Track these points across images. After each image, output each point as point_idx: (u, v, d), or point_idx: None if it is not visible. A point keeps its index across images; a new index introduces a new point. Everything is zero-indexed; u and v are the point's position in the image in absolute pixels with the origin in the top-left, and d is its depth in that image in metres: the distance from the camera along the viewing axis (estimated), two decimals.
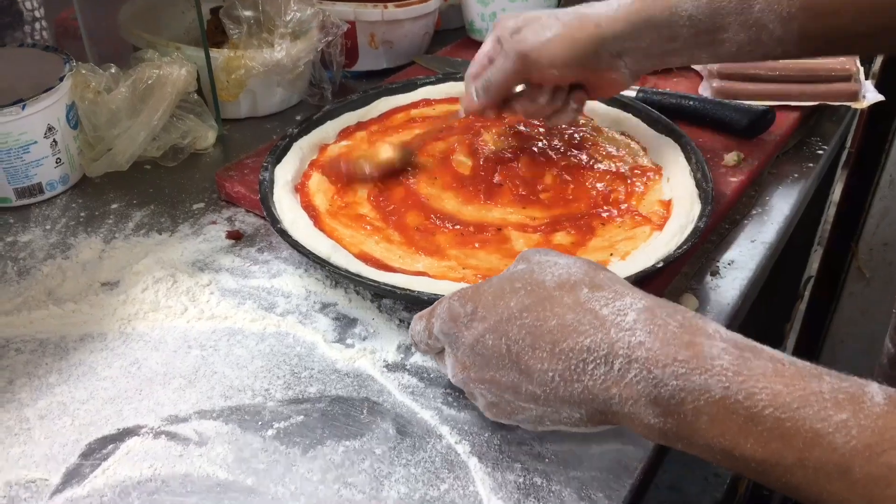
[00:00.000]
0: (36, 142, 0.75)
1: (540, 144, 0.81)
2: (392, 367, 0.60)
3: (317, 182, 0.75)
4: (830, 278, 1.37)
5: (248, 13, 0.89)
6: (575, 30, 0.67)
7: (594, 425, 0.47)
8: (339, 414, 0.57)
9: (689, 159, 0.76)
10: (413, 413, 0.57)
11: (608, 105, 0.86)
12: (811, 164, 0.87)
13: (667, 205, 0.72)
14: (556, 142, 0.81)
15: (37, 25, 1.00)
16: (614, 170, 0.77)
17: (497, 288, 0.49)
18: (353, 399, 0.58)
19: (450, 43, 1.10)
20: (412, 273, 0.65)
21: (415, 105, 0.87)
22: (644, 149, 0.81)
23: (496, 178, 0.75)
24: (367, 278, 0.63)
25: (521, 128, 0.83)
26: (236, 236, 0.74)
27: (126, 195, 0.80)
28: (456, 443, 0.54)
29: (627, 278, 0.62)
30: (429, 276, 0.64)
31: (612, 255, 0.66)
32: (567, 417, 0.47)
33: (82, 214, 0.77)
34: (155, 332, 0.63)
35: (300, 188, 0.75)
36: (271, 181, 0.74)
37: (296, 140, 0.79)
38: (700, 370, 0.42)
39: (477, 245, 0.68)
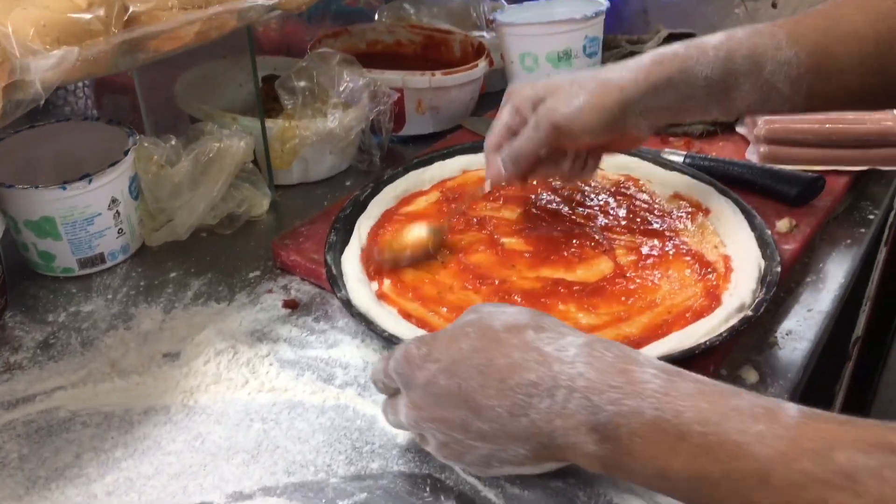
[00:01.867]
0: (100, 214, 0.77)
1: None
2: None
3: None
4: (878, 338, 1.34)
5: (302, 84, 0.92)
6: (602, 97, 0.69)
7: (539, 462, 0.50)
8: (402, 492, 0.56)
9: (753, 231, 0.76)
10: (476, 491, 0.56)
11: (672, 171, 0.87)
12: (863, 230, 0.86)
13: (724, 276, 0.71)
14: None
15: (78, 83, 1.03)
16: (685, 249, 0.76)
17: (450, 333, 0.53)
18: (416, 475, 0.58)
19: (494, 107, 1.11)
20: None
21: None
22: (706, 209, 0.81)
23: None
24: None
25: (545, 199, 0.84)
26: (293, 305, 0.75)
27: (184, 264, 0.81)
28: None
29: (686, 352, 0.62)
30: None
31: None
32: (513, 455, 0.49)
33: (142, 283, 0.79)
34: (217, 404, 0.64)
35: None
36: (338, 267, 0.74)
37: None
38: (633, 394, 0.45)
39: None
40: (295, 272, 0.80)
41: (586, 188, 0.85)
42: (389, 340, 0.65)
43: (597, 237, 0.77)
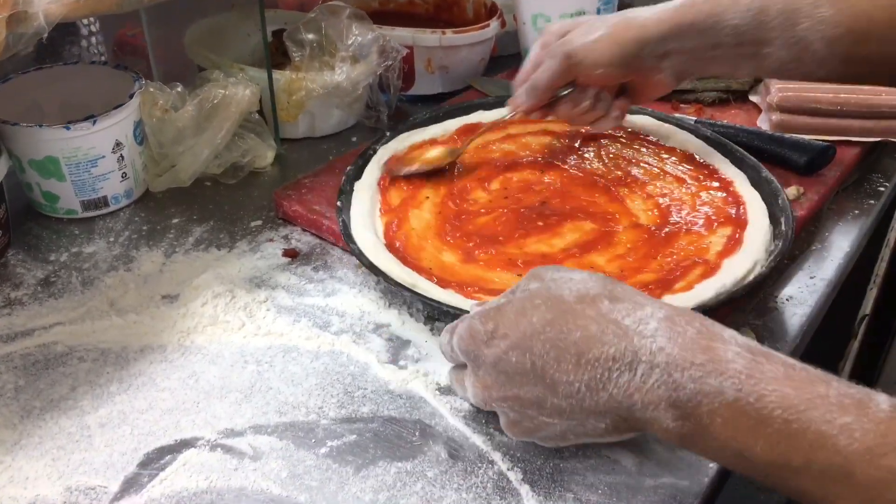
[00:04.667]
0: (104, 156, 0.77)
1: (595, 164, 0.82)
2: (444, 391, 0.60)
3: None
4: (886, 318, 1.33)
5: (310, 36, 0.91)
6: (620, 30, 0.69)
7: (619, 433, 0.49)
8: (391, 435, 0.57)
9: (763, 195, 0.76)
10: (465, 437, 0.57)
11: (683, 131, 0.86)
12: (872, 202, 0.85)
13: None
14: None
15: (93, 40, 1.03)
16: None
17: (517, 306, 0.50)
18: (406, 420, 0.58)
19: (505, 69, 1.11)
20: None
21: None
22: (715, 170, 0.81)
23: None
24: (421, 295, 0.64)
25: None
26: (292, 254, 0.75)
27: (187, 210, 0.82)
28: (508, 469, 0.54)
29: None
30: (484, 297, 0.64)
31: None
32: (592, 429, 0.48)
33: (144, 228, 0.79)
34: (213, 345, 0.64)
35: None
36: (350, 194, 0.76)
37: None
38: (715, 373, 0.43)
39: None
40: (296, 223, 0.80)
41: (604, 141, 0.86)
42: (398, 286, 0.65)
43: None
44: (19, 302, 0.69)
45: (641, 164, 0.81)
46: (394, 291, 0.68)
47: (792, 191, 0.80)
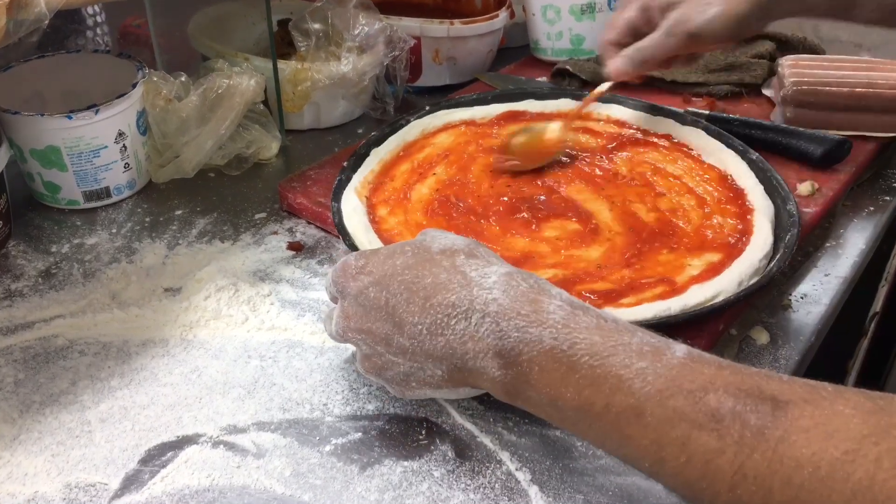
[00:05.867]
0: (106, 146, 0.76)
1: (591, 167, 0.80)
2: None
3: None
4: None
5: (316, 26, 0.90)
6: (734, 5, 0.70)
7: (454, 385, 0.51)
8: (397, 433, 0.56)
9: (770, 191, 0.73)
10: (472, 436, 0.56)
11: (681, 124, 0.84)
12: (888, 198, 0.84)
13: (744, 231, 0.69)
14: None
15: (98, 31, 1.02)
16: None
17: (389, 249, 0.54)
18: (412, 418, 0.57)
19: (513, 61, 1.09)
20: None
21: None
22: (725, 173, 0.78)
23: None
24: None
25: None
26: (297, 248, 0.74)
27: (190, 202, 0.80)
28: (516, 469, 0.53)
29: (698, 309, 0.61)
30: None
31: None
32: (430, 375, 0.50)
33: (147, 219, 0.78)
34: (216, 340, 0.63)
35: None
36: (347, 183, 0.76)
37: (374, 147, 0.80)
38: (537, 323, 0.46)
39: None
40: (301, 215, 0.78)
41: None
42: None
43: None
44: (20, 294, 0.68)
45: (669, 177, 0.77)
46: None
47: (806, 186, 0.79)
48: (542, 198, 0.74)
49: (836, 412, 0.38)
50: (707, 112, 0.89)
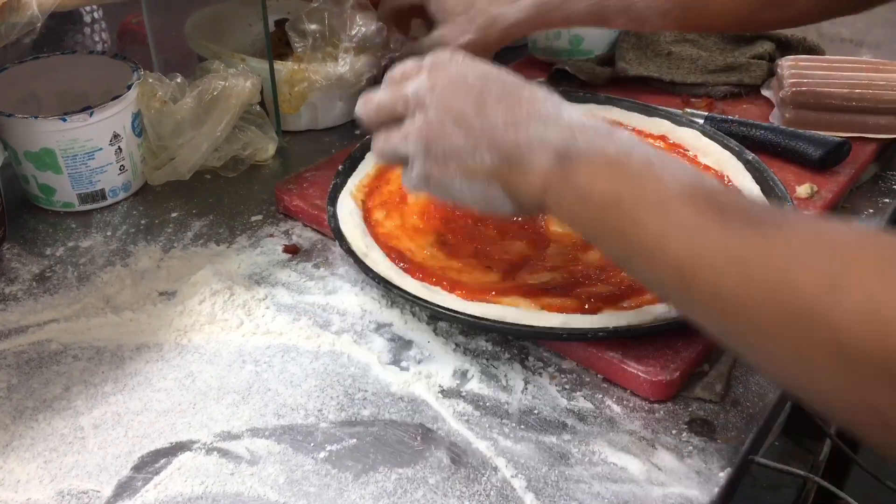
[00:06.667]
0: (101, 149, 0.75)
1: None
2: (447, 394, 0.59)
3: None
4: None
5: (313, 27, 0.89)
6: (486, 33, 0.84)
7: (489, 181, 0.53)
8: (392, 439, 0.55)
9: (767, 192, 0.73)
10: (468, 443, 0.55)
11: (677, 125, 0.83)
12: (887, 200, 0.83)
13: None
14: None
15: (96, 27, 1.02)
16: None
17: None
18: (407, 424, 0.56)
19: (512, 61, 1.09)
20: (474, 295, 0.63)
21: None
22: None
23: None
24: (423, 300, 0.62)
25: None
26: (293, 251, 0.74)
27: (186, 204, 0.80)
28: (512, 476, 0.53)
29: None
30: (492, 300, 0.62)
31: None
32: (478, 160, 0.53)
33: (142, 222, 0.77)
34: (210, 344, 0.63)
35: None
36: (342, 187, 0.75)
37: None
38: (609, 140, 0.50)
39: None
40: (297, 218, 0.78)
41: None
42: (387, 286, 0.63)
43: None
44: (13, 297, 0.67)
45: None
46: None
47: (806, 188, 0.78)
48: None
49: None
50: (706, 113, 0.89)
